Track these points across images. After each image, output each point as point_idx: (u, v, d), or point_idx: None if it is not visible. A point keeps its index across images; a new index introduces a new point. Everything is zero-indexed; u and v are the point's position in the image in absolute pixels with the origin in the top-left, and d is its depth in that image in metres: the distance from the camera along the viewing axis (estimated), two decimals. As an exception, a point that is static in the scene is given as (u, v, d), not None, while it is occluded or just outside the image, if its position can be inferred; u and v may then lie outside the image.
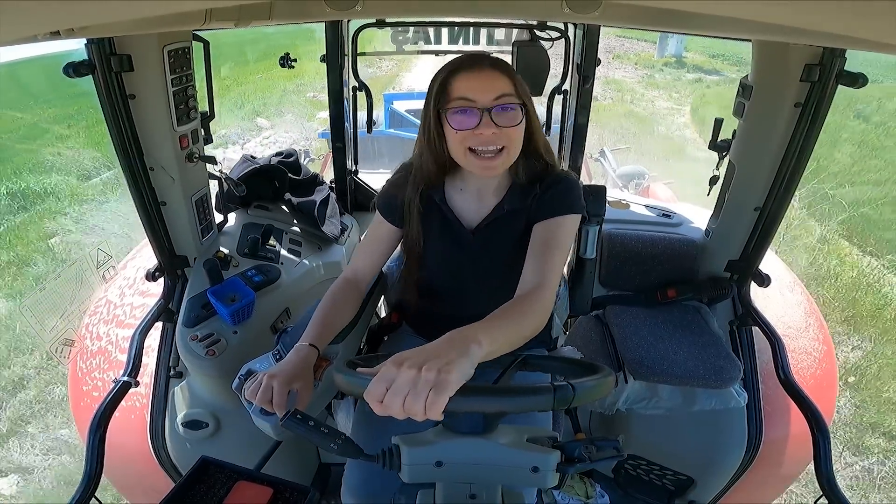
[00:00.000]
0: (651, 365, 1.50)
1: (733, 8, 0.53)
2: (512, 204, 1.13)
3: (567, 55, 2.01)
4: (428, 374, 0.64)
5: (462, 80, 1.01)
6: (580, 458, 0.72)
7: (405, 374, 0.65)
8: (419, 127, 1.13)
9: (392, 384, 0.65)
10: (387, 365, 0.67)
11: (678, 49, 15.08)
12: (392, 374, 0.65)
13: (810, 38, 0.89)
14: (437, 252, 1.19)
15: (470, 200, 1.16)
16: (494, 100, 0.99)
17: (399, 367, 0.66)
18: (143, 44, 1.17)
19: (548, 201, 1.09)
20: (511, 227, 1.14)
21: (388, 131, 4.88)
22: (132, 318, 1.71)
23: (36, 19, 0.40)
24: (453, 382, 0.65)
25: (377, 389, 0.65)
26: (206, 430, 1.49)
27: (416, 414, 0.64)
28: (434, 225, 1.17)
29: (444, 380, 0.64)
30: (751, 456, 1.56)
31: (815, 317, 1.93)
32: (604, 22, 1.55)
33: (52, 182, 6.40)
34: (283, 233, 1.76)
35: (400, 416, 0.65)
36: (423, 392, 0.63)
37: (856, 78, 1.20)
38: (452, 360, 0.67)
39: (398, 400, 0.64)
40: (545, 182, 1.12)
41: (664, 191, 4.29)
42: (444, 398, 0.64)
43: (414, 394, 0.63)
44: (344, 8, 0.99)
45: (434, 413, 0.64)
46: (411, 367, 0.65)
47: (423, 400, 0.63)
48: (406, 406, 0.64)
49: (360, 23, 1.98)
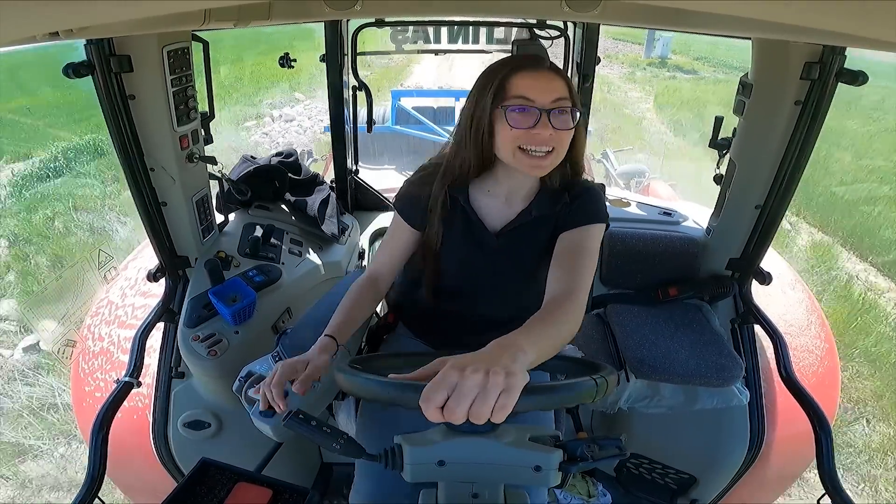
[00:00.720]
0: (653, 363, 1.50)
1: (733, 6, 0.53)
2: (540, 210, 1.12)
3: (567, 54, 2.00)
4: (497, 378, 0.65)
5: (523, 79, 1.00)
6: (582, 457, 0.72)
7: (473, 379, 0.64)
8: (458, 125, 1.11)
9: (455, 389, 0.64)
10: (445, 371, 0.66)
11: (664, 51, 16.37)
12: (454, 379, 0.65)
13: (810, 36, 0.89)
14: (456, 253, 1.18)
15: (497, 203, 1.15)
16: (553, 102, 0.99)
17: (461, 372, 0.65)
18: (143, 44, 1.17)
19: (576, 210, 1.10)
20: (537, 234, 1.13)
21: (394, 128, 4.88)
22: (134, 319, 1.71)
23: (35, 20, 0.40)
24: (519, 385, 0.66)
25: (439, 396, 0.64)
26: (208, 430, 1.49)
27: (482, 417, 0.64)
28: (456, 225, 1.16)
29: (512, 383, 0.65)
30: (753, 454, 1.56)
31: (816, 314, 1.92)
32: (603, 20, 1.54)
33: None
34: (284, 233, 1.76)
35: (460, 421, 0.64)
36: (492, 395, 0.64)
37: (856, 76, 1.20)
38: (513, 364, 0.69)
39: (465, 404, 0.64)
40: (574, 190, 1.12)
41: (665, 189, 4.29)
42: (514, 400, 0.65)
43: (483, 397, 0.64)
44: (343, 8, 0.99)
45: (501, 416, 0.65)
46: (476, 371, 0.65)
47: (492, 403, 0.64)
48: (473, 410, 0.64)
49: (360, 22, 1.98)
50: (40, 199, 6.22)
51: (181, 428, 1.49)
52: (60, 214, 5.70)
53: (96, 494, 1.17)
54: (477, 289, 1.21)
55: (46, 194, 6.36)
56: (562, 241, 1.07)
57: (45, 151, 7.79)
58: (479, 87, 1.05)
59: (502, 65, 1.04)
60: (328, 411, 1.50)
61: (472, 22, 2.10)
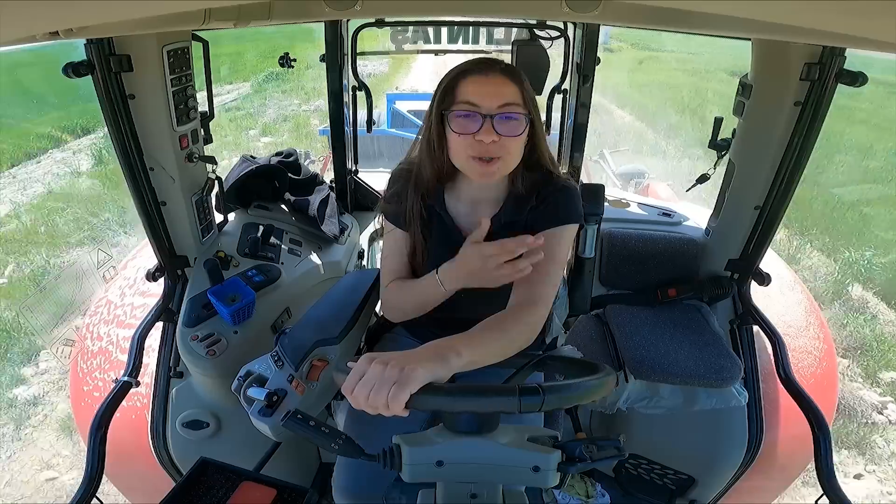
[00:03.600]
0: (651, 364, 1.50)
1: (733, 7, 0.53)
2: (508, 216, 1.11)
3: (567, 54, 2.01)
4: (392, 371, 0.69)
5: (469, 84, 0.99)
6: (581, 458, 0.72)
7: (374, 369, 0.70)
8: (420, 129, 1.12)
9: (361, 378, 0.70)
10: (361, 360, 0.72)
11: (605, 38, 17.63)
12: (363, 368, 0.70)
13: (810, 36, 0.89)
14: (436, 259, 1.17)
15: (468, 209, 1.15)
16: (499, 107, 0.98)
17: (370, 362, 0.70)
18: (143, 44, 1.17)
19: (545, 212, 1.08)
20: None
21: (390, 131, 4.89)
22: (133, 319, 1.71)
23: (35, 19, 0.40)
24: (416, 380, 0.69)
25: (350, 382, 0.70)
26: (207, 430, 1.49)
27: (379, 407, 0.69)
28: (435, 231, 1.16)
29: (407, 376, 0.68)
30: (751, 455, 1.56)
31: (815, 315, 1.93)
32: (603, 21, 1.55)
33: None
34: (284, 233, 1.76)
35: (367, 410, 0.70)
36: (385, 386, 0.68)
37: (855, 77, 1.20)
38: (422, 361, 0.71)
39: (364, 392, 0.69)
40: (543, 192, 1.10)
41: (664, 190, 4.29)
42: (406, 394, 0.68)
43: (377, 387, 0.68)
44: (343, 8, 0.99)
45: (396, 407, 0.68)
46: (380, 363, 0.70)
47: (385, 393, 0.68)
48: (370, 399, 0.68)
49: (360, 22, 1.98)
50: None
51: (180, 428, 1.49)
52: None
53: (94, 494, 1.17)
54: (458, 293, 1.20)
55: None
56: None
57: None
58: (435, 93, 1.05)
59: (452, 70, 1.04)
60: (327, 411, 1.50)
61: (472, 22, 2.10)
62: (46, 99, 9.67)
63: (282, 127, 9.83)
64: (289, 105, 11.41)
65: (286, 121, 10.18)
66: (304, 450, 1.73)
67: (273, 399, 1.04)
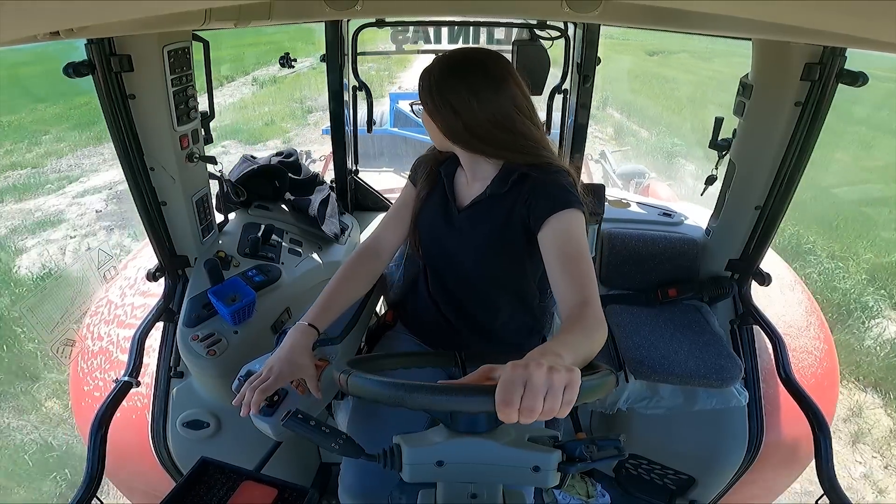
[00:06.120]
0: (652, 364, 1.50)
1: (733, 6, 0.53)
2: (493, 189, 1.14)
3: (567, 54, 2.01)
4: (559, 374, 0.66)
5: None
6: (581, 458, 0.72)
7: (539, 377, 0.65)
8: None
9: (526, 388, 0.64)
10: (512, 372, 0.66)
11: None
12: (522, 376, 0.65)
13: (811, 36, 0.89)
14: (429, 222, 1.23)
15: (467, 181, 1.20)
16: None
17: (525, 370, 0.66)
18: (143, 44, 1.17)
19: (543, 194, 1.06)
20: (492, 211, 1.13)
21: (392, 130, 4.90)
22: (133, 319, 1.71)
23: (35, 19, 0.40)
24: (578, 379, 0.67)
25: (516, 396, 0.64)
26: (207, 429, 1.49)
27: (552, 413, 0.65)
28: (435, 195, 1.23)
29: (573, 378, 0.66)
30: (752, 455, 1.56)
31: (815, 315, 1.92)
32: (604, 21, 1.55)
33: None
34: (284, 232, 1.76)
35: (537, 419, 0.65)
36: (559, 389, 0.65)
37: (856, 77, 1.20)
38: (565, 363, 0.70)
39: (539, 401, 0.64)
40: (535, 172, 1.09)
41: (664, 190, 4.29)
42: (576, 393, 0.66)
43: (552, 393, 0.65)
44: (343, 8, 0.99)
45: (566, 410, 0.66)
46: (539, 367, 0.66)
47: (560, 397, 0.65)
48: (546, 406, 0.64)
49: (360, 22, 1.98)
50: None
51: (180, 427, 1.49)
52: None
53: (94, 494, 1.17)
54: (448, 263, 1.23)
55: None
56: (545, 240, 1.03)
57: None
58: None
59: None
60: (327, 411, 1.50)
61: (473, 22, 2.10)
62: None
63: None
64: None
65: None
66: (304, 450, 1.73)
67: (273, 399, 1.04)
